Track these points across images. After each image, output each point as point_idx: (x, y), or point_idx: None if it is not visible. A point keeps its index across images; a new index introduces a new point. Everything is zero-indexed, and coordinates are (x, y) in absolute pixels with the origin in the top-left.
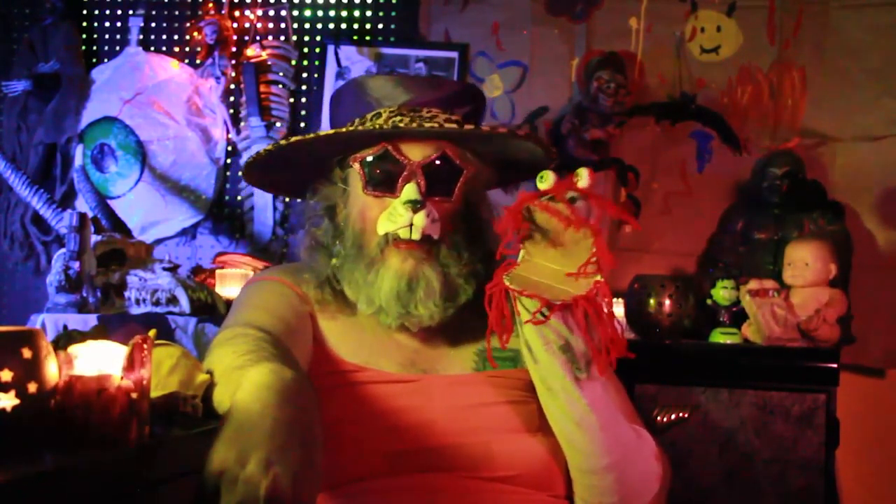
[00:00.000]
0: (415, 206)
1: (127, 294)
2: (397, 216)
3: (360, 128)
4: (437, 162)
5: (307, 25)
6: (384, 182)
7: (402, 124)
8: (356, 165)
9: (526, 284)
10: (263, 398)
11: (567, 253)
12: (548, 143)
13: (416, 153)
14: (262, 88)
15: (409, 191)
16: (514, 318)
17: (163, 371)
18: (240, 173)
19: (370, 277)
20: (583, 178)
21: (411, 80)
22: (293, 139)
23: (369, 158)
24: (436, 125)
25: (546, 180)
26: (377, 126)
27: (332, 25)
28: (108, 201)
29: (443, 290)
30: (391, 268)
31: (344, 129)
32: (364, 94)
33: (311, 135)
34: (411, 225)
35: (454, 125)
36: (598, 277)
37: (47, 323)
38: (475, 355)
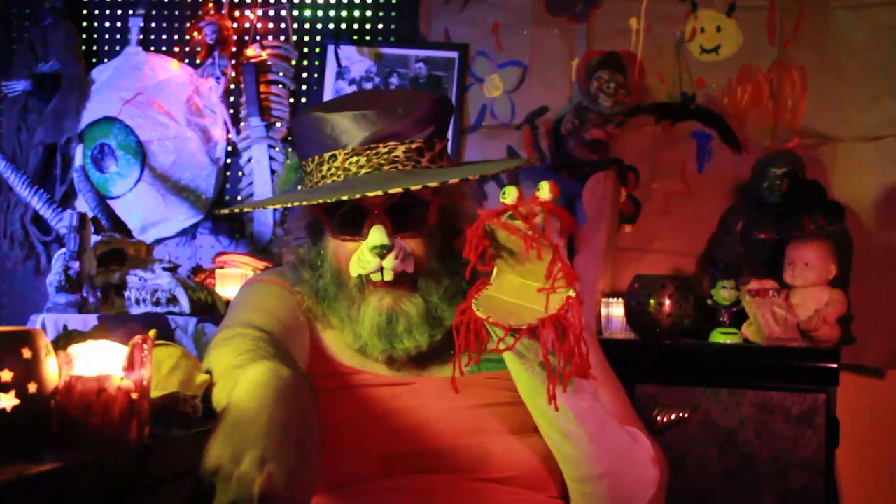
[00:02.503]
0: (381, 251)
1: (127, 294)
2: (365, 262)
3: (317, 175)
4: (404, 199)
5: (307, 25)
6: (350, 227)
7: (354, 168)
8: (319, 214)
9: (494, 308)
10: (260, 396)
11: (534, 269)
12: (531, 153)
13: (379, 195)
14: (262, 88)
15: (375, 235)
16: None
17: (163, 371)
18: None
19: (353, 313)
20: (544, 190)
21: (372, 113)
22: (253, 203)
23: (331, 207)
24: (394, 167)
25: (509, 195)
26: (334, 168)
27: (332, 25)
28: (108, 201)
29: (424, 320)
30: (370, 305)
31: (295, 203)
32: (322, 130)
33: (269, 202)
34: (382, 268)
35: (413, 156)
36: (570, 292)
37: (47, 323)
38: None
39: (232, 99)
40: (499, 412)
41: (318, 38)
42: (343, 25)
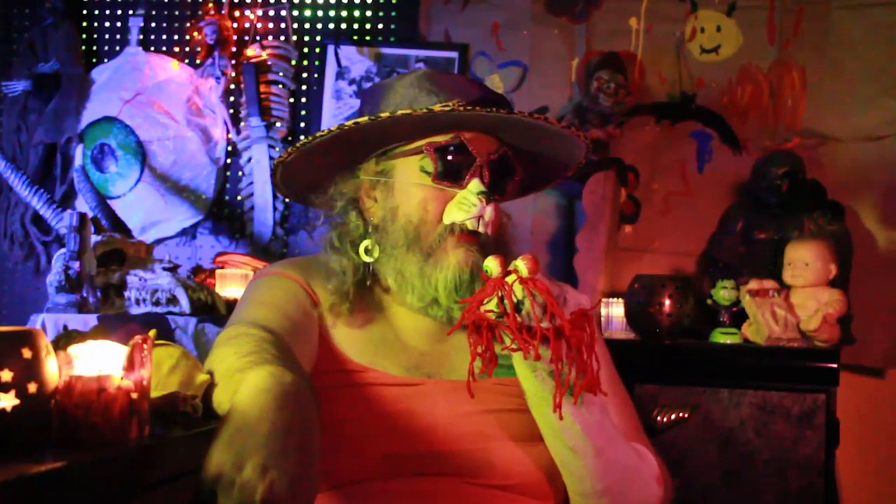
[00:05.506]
0: (488, 197)
1: (127, 294)
2: (469, 205)
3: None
4: (500, 160)
5: (307, 25)
6: (453, 173)
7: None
8: (429, 152)
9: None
10: (262, 402)
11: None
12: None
13: (483, 148)
14: (262, 88)
15: (479, 183)
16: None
17: (163, 371)
18: (285, 154)
19: (427, 269)
20: (522, 268)
21: (476, 81)
22: (398, 113)
23: (443, 147)
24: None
25: (492, 270)
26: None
27: (332, 25)
28: (108, 201)
29: None
30: (453, 259)
31: (427, 108)
32: (432, 84)
33: (405, 111)
34: (479, 217)
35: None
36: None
37: (47, 323)
38: (479, 362)
39: (232, 99)
40: (504, 418)
41: (318, 38)
42: (343, 25)
